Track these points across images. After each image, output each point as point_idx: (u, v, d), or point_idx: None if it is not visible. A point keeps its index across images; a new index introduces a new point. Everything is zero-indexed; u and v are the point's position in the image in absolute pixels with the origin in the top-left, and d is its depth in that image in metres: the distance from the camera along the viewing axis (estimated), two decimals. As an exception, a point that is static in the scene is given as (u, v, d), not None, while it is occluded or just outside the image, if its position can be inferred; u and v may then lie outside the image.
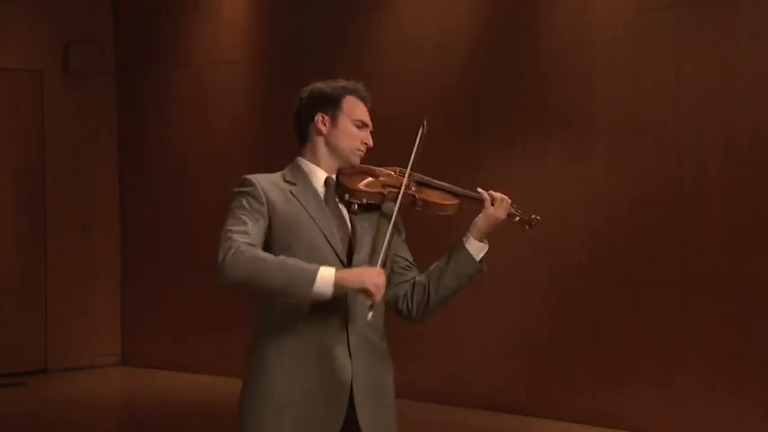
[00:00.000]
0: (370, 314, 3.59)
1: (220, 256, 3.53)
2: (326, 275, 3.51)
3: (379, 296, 3.55)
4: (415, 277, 3.85)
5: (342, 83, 3.85)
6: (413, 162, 3.80)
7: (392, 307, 3.85)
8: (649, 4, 7.85)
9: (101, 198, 11.22)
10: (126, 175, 11.29)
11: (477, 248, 3.83)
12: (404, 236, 3.89)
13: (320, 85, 3.85)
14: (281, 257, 3.56)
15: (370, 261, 3.70)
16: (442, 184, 3.87)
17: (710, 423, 7.50)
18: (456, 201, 3.83)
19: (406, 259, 3.87)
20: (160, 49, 11.03)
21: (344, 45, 9.48)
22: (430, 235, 4.79)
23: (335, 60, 9.32)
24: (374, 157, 3.84)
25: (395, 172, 3.85)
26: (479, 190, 3.85)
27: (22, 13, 10.80)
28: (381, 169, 3.86)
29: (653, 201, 7.78)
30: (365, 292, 3.54)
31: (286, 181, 3.75)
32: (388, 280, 3.77)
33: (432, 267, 3.84)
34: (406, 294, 3.83)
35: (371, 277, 3.54)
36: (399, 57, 9.19)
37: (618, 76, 7.96)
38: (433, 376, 8.93)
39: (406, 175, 3.78)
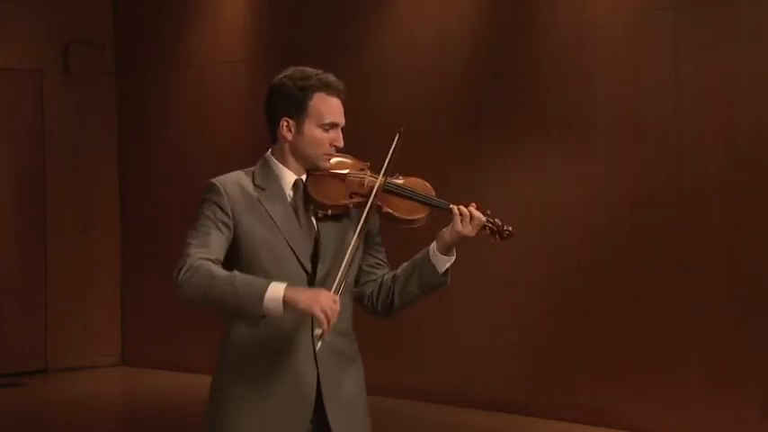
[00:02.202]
0: (320, 343, 3.49)
1: (175, 273, 3.49)
2: (276, 292, 3.40)
3: (328, 326, 3.40)
4: (383, 275, 3.77)
5: (310, 79, 3.62)
6: (385, 171, 3.62)
7: (358, 302, 3.79)
8: (649, 4, 7.85)
9: (101, 198, 11.22)
10: (126, 175, 11.29)
11: (441, 261, 3.68)
12: (377, 232, 3.78)
13: (287, 81, 3.63)
14: (234, 274, 3.46)
15: (332, 268, 3.59)
16: (413, 191, 3.68)
17: (710, 423, 7.50)
18: (424, 213, 3.66)
19: (376, 257, 3.78)
20: (160, 49, 11.02)
21: (344, 45, 9.48)
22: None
23: (336, 60, 9.31)
24: (375, 156, 3.75)
25: (367, 172, 3.67)
26: (452, 206, 3.66)
27: (22, 13, 10.79)
28: (354, 167, 3.69)
29: (653, 201, 7.78)
30: (315, 318, 3.43)
31: (255, 185, 3.63)
32: (356, 280, 3.73)
33: (398, 271, 3.75)
34: (372, 293, 3.76)
35: (324, 303, 3.40)
36: (399, 57, 9.19)
37: (618, 76, 7.96)
38: (433, 376, 8.93)
39: (375, 187, 3.61)
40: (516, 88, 8.50)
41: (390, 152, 3.65)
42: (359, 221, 3.61)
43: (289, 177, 3.67)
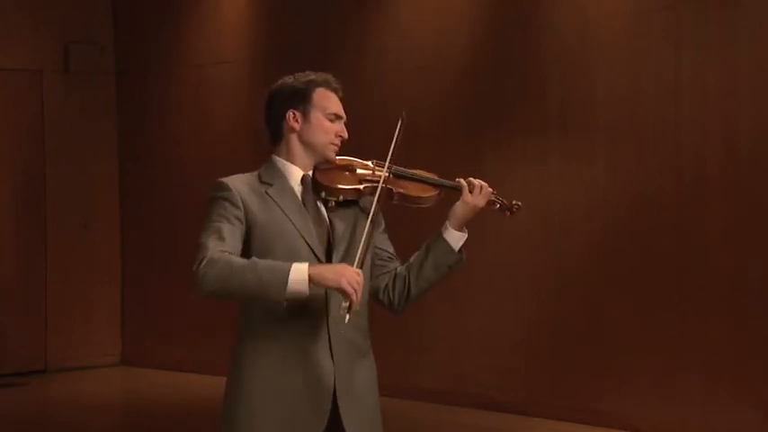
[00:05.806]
0: (348, 317, 3.49)
1: (194, 266, 3.49)
2: (300, 273, 3.45)
3: (357, 297, 3.46)
4: (396, 268, 3.81)
5: (310, 75, 3.76)
6: (391, 155, 3.71)
7: (374, 298, 3.81)
8: (649, 4, 7.85)
9: (101, 198, 11.22)
10: (126, 174, 11.29)
11: (455, 238, 3.76)
12: (383, 227, 3.83)
13: (288, 80, 3.77)
14: (253, 260, 3.51)
15: (347, 256, 3.64)
16: (420, 174, 3.78)
17: (710, 423, 7.50)
18: (434, 192, 3.76)
19: (386, 251, 3.83)
20: (160, 49, 11.02)
21: (345, 45, 9.47)
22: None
23: (336, 60, 9.31)
24: (376, 157, 3.78)
25: (372, 163, 3.76)
26: (458, 179, 3.78)
27: (21, 13, 10.79)
28: (358, 161, 3.78)
29: (653, 200, 7.78)
30: (343, 292, 3.47)
31: (262, 182, 3.69)
32: (369, 273, 3.74)
33: (412, 259, 3.79)
34: (387, 286, 3.79)
35: (349, 276, 3.46)
36: (399, 57, 9.19)
37: (618, 76, 7.96)
38: (433, 376, 8.93)
39: (384, 168, 3.69)
40: (516, 88, 8.50)
41: (395, 138, 3.71)
42: (369, 209, 3.67)
43: (296, 173, 3.72)
